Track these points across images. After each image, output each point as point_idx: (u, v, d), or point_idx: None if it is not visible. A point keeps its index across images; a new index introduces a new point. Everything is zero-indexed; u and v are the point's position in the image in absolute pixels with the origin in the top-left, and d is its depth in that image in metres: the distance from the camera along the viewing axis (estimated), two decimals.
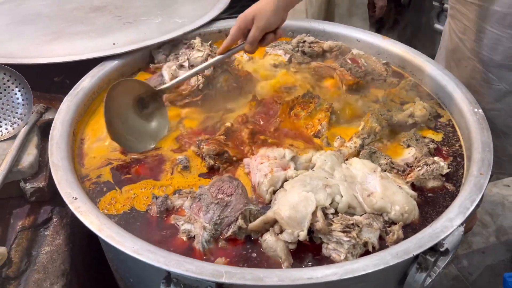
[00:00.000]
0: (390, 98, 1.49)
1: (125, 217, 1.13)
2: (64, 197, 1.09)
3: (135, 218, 1.13)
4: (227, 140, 1.34)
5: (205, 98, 1.48)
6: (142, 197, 1.18)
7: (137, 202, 1.17)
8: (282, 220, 1.03)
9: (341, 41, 1.81)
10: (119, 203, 1.17)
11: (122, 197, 1.18)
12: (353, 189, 1.12)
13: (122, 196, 1.18)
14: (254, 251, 1.05)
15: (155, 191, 1.19)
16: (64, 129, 1.30)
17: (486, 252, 2.39)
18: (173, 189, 1.21)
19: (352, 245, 1.01)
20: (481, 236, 2.48)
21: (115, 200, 1.18)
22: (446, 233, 0.99)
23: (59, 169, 1.17)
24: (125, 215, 1.14)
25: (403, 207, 1.09)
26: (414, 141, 1.33)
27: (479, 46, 1.56)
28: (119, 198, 1.18)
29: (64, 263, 1.15)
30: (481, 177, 1.13)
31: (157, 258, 0.94)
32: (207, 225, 1.06)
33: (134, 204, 1.16)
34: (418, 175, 1.20)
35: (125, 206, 1.16)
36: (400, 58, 1.69)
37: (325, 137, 1.35)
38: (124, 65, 1.66)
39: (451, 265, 2.31)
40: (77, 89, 1.47)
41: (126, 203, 1.17)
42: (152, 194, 1.17)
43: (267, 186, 1.16)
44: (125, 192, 1.20)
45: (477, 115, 1.34)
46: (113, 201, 1.18)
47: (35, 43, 1.79)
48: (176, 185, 1.22)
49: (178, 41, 1.74)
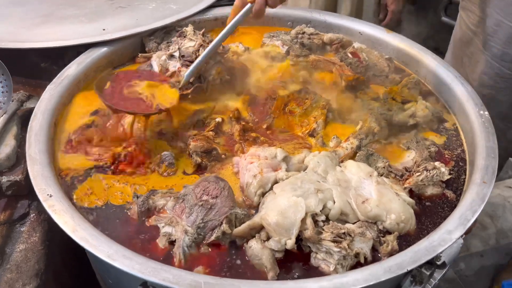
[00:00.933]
0: (391, 96, 1.41)
1: (104, 214, 1.07)
2: (38, 193, 1.02)
3: (114, 215, 1.07)
4: (216, 137, 1.27)
5: (196, 91, 1.40)
6: (117, 192, 1.12)
7: (113, 197, 1.11)
8: (269, 227, 0.96)
9: (343, 34, 1.72)
10: (95, 195, 1.11)
11: (98, 188, 1.13)
12: (347, 194, 1.05)
13: (99, 187, 1.13)
14: (238, 258, 0.98)
15: (135, 189, 1.12)
16: (45, 120, 1.23)
17: (484, 255, 2.33)
18: (154, 186, 1.14)
19: (342, 256, 0.94)
20: (480, 238, 2.41)
21: (91, 190, 1.12)
22: (444, 247, 0.93)
23: (36, 162, 1.10)
24: (104, 211, 1.07)
25: (399, 216, 1.02)
26: (415, 144, 1.25)
27: (493, 39, 1.47)
28: (95, 189, 1.12)
29: (38, 263, 1.09)
30: (484, 186, 1.06)
31: (132, 265, 0.88)
32: (189, 228, 1.00)
33: (110, 199, 1.10)
34: (417, 181, 1.12)
35: (99, 200, 1.10)
36: (404, 53, 1.61)
37: (320, 137, 1.28)
38: (113, 52, 1.58)
39: None
40: (61, 77, 1.39)
41: (101, 196, 1.11)
42: (133, 193, 1.11)
43: (256, 188, 1.09)
44: (102, 183, 1.14)
45: (483, 117, 1.26)
46: (89, 192, 1.12)
47: (22, 26, 1.70)
48: (158, 183, 1.15)
49: (171, 29, 1.66)
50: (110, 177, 1.16)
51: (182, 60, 1.40)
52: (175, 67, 1.41)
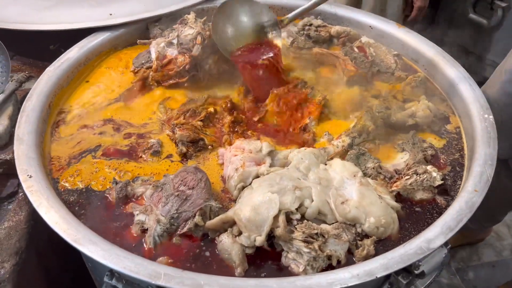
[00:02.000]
0: (392, 94, 1.35)
1: (84, 196, 1.07)
2: (19, 173, 1.04)
3: (95, 198, 1.07)
4: (205, 127, 1.25)
5: (192, 79, 1.39)
6: (101, 177, 1.13)
7: (96, 181, 1.12)
8: (240, 222, 0.94)
9: (353, 27, 1.66)
10: (80, 177, 1.12)
11: (85, 171, 1.14)
12: (326, 193, 1.01)
13: (86, 170, 1.14)
14: (208, 250, 0.97)
15: (119, 176, 1.12)
16: (39, 101, 1.25)
17: (496, 266, 2.22)
18: (135, 174, 1.14)
19: (312, 257, 0.91)
20: (494, 248, 2.30)
21: (78, 172, 1.13)
22: (420, 256, 0.87)
23: (22, 143, 1.12)
24: (84, 194, 1.08)
25: (378, 219, 0.97)
26: (410, 145, 1.19)
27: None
28: (82, 171, 1.14)
29: (20, 241, 1.11)
30: (474, 195, 0.99)
31: (96, 251, 0.88)
32: (162, 218, 0.99)
33: (92, 184, 1.11)
34: (405, 185, 1.07)
35: (82, 183, 1.11)
36: (413, 50, 1.53)
37: (312, 132, 1.24)
38: (117, 37, 1.58)
39: (456, 276, 2.16)
40: (61, 59, 1.41)
41: (85, 179, 1.11)
42: (113, 178, 1.11)
43: (236, 182, 1.07)
44: (88, 166, 1.15)
45: (487, 121, 1.19)
46: (76, 173, 1.13)
47: (34, 8, 1.73)
48: (143, 170, 1.15)
49: (177, 16, 1.64)
50: (102, 162, 1.17)
51: (180, 47, 1.39)
52: (172, 54, 1.40)
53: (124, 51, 1.58)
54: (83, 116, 1.31)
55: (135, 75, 1.43)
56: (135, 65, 1.46)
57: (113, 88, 1.41)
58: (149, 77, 1.40)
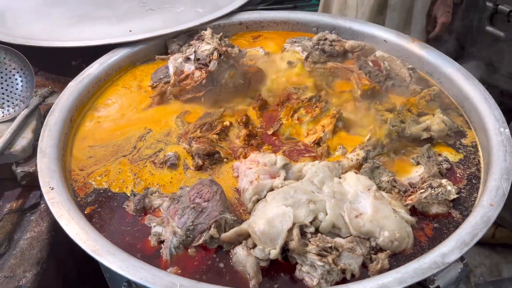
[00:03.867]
0: (407, 107, 1.35)
1: (106, 205, 1.11)
2: (41, 185, 1.08)
3: (115, 207, 1.11)
4: (221, 140, 1.28)
5: (208, 94, 1.42)
6: (121, 179, 1.18)
7: (115, 182, 1.18)
8: (255, 235, 0.95)
9: (368, 41, 1.67)
10: (107, 177, 1.18)
11: (113, 172, 1.20)
12: (340, 207, 1.02)
13: (113, 170, 1.20)
14: (222, 262, 0.98)
15: (134, 184, 1.16)
16: (61, 116, 1.30)
17: None
18: (154, 182, 1.18)
19: (326, 271, 0.91)
20: None
21: (107, 172, 1.20)
22: (434, 271, 0.87)
23: (45, 156, 1.16)
24: (106, 202, 1.12)
25: (393, 233, 0.97)
26: (425, 159, 1.19)
27: None
28: (111, 171, 1.20)
29: (41, 251, 1.15)
30: (490, 209, 0.99)
31: (115, 261, 0.90)
32: (178, 230, 1.01)
33: (111, 185, 1.17)
34: (420, 198, 1.07)
35: (107, 183, 1.17)
36: (428, 64, 1.54)
37: (326, 146, 1.25)
38: (136, 53, 1.63)
39: None
40: (82, 75, 1.46)
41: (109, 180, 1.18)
42: (131, 190, 1.13)
43: (251, 195, 1.08)
44: (116, 167, 1.21)
45: (503, 135, 1.18)
46: (105, 173, 1.19)
47: (58, 25, 1.81)
48: (159, 180, 1.18)
49: (194, 32, 1.68)
50: (127, 165, 1.22)
51: (197, 63, 1.42)
52: (189, 70, 1.43)
53: (140, 67, 1.62)
54: (102, 131, 1.34)
55: (154, 90, 1.47)
56: (153, 80, 1.50)
57: (132, 103, 1.45)
58: (167, 92, 1.44)
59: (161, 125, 1.36)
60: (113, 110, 1.42)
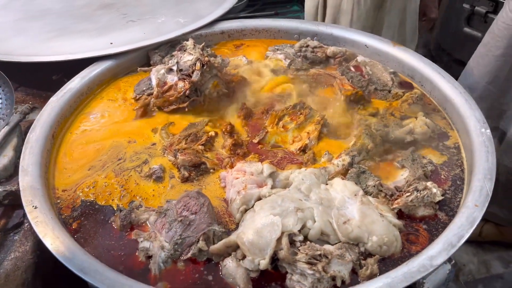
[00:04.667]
0: (390, 111, 1.36)
1: (90, 222, 1.10)
2: (24, 204, 1.06)
3: (100, 222, 1.09)
4: (207, 151, 1.27)
5: (192, 104, 1.42)
6: (107, 192, 1.17)
7: (101, 194, 1.17)
8: (243, 246, 0.95)
9: (350, 46, 1.69)
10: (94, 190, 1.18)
11: (99, 184, 1.19)
12: (328, 214, 1.02)
13: (99, 183, 1.19)
14: (211, 274, 0.97)
15: (119, 197, 1.15)
16: (43, 132, 1.28)
17: (505, 277, 2.20)
18: (140, 195, 1.17)
19: (316, 279, 0.91)
20: (502, 260, 2.28)
21: (94, 184, 1.19)
22: (423, 274, 0.88)
23: (27, 174, 1.14)
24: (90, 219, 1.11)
25: (381, 238, 0.98)
26: (410, 162, 1.20)
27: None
28: (97, 184, 1.19)
29: (26, 272, 1.12)
30: (475, 210, 1.00)
31: (102, 280, 0.89)
32: (166, 244, 1.00)
33: (97, 197, 1.16)
34: (406, 202, 1.08)
35: (93, 195, 1.16)
36: (409, 67, 1.56)
37: (312, 152, 1.25)
38: (118, 65, 1.62)
39: None
40: (64, 90, 1.44)
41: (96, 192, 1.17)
42: (117, 205, 1.12)
43: (239, 205, 1.08)
44: (102, 181, 1.20)
45: (484, 135, 1.20)
46: (92, 185, 1.19)
47: (37, 40, 1.78)
48: (143, 193, 1.17)
49: (176, 42, 1.68)
50: (112, 177, 1.21)
51: (180, 74, 1.42)
52: (172, 81, 1.42)
53: (124, 79, 1.61)
54: (86, 145, 1.32)
55: (137, 102, 1.46)
56: (136, 92, 1.49)
57: (116, 115, 1.43)
58: (151, 103, 1.43)
59: (145, 137, 1.34)
60: (97, 124, 1.40)
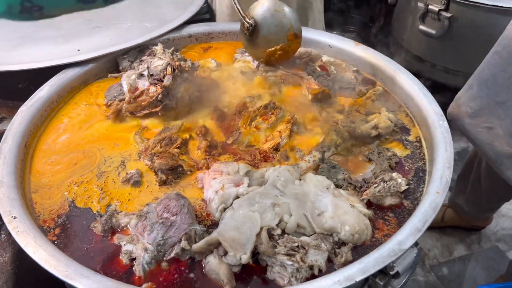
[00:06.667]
0: (355, 108, 1.44)
1: (72, 229, 1.11)
2: (3, 215, 1.06)
3: (80, 229, 1.11)
4: (182, 153, 1.30)
5: (165, 108, 1.44)
6: (87, 195, 1.19)
7: (80, 197, 1.19)
8: (225, 242, 0.99)
9: (314, 47, 1.76)
10: (74, 194, 1.20)
11: (77, 189, 1.21)
12: (303, 208, 1.08)
13: (77, 188, 1.21)
14: (193, 272, 1.01)
15: (98, 200, 1.17)
16: (15, 142, 1.27)
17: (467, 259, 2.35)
18: (115, 197, 1.19)
19: (295, 269, 0.97)
20: (464, 244, 2.43)
21: (73, 190, 1.21)
22: (392, 258, 0.95)
23: (3, 185, 1.13)
24: (72, 226, 1.12)
25: (353, 227, 1.05)
26: (376, 155, 1.28)
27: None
28: (76, 189, 1.21)
29: (7, 283, 1.12)
30: (436, 196, 1.08)
31: (89, 284, 0.91)
32: (149, 246, 1.03)
33: (76, 200, 1.18)
34: (374, 192, 1.15)
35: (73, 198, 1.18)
36: (371, 66, 1.64)
37: (285, 150, 1.31)
38: (87, 72, 1.62)
39: (431, 273, 2.27)
40: (33, 99, 1.43)
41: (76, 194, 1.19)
42: (97, 211, 1.14)
43: (217, 204, 1.12)
44: (80, 186, 1.22)
45: (442, 127, 1.29)
46: (71, 190, 1.21)
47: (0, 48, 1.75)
48: (120, 197, 1.19)
49: (144, 47, 1.69)
50: (91, 181, 1.23)
51: (151, 79, 1.44)
52: (144, 86, 1.44)
53: (95, 84, 1.62)
54: (60, 152, 1.33)
55: (109, 108, 1.46)
56: (107, 99, 1.49)
57: (88, 121, 1.44)
58: (123, 109, 1.44)
59: (119, 142, 1.36)
60: (69, 131, 1.40)
